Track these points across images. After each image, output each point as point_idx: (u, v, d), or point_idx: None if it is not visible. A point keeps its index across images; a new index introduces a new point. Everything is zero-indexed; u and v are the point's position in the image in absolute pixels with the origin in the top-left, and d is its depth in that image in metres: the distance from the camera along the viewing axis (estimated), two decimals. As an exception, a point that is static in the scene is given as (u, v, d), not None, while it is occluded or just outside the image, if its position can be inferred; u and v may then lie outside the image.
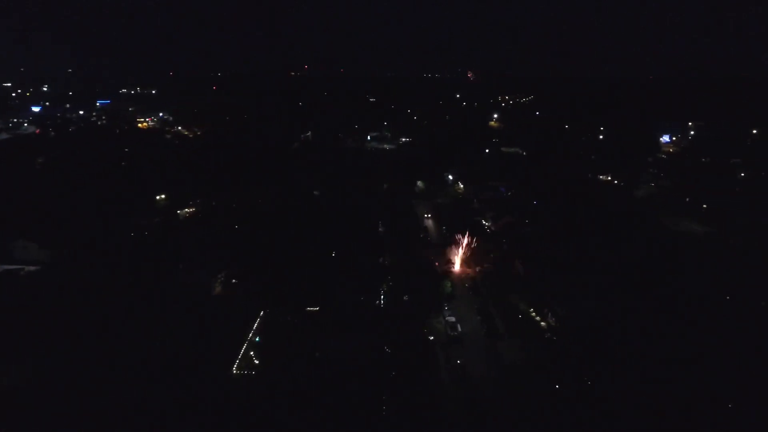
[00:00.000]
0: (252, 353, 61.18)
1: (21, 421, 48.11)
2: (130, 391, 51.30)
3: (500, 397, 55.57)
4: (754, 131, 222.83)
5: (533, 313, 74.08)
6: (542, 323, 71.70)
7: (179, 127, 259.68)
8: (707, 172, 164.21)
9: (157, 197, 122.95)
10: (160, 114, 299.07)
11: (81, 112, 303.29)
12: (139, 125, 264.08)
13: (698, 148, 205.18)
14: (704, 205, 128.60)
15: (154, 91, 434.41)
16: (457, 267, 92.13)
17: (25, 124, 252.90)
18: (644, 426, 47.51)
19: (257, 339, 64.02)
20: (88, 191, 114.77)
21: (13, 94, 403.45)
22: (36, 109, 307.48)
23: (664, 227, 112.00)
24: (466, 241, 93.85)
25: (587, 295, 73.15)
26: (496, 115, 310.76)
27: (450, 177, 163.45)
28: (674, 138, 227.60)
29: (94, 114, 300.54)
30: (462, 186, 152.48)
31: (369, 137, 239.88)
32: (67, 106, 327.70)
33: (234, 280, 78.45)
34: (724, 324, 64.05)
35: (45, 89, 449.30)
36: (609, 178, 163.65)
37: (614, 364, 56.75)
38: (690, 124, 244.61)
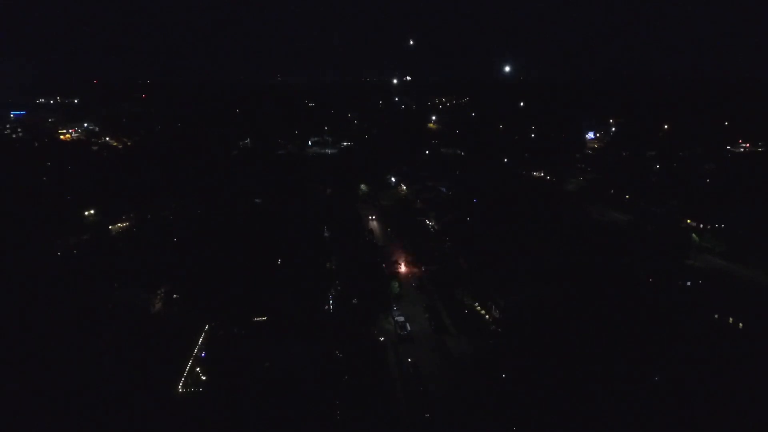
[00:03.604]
0: (198, 369, 59.30)
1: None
2: (68, 418, 48.23)
3: (452, 391, 57.40)
4: (665, 126, 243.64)
5: (478, 307, 76.98)
6: (486, 316, 74.73)
7: (107, 138, 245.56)
8: (627, 165, 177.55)
9: (86, 213, 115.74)
10: (85, 124, 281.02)
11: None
12: (62, 137, 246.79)
13: (618, 143, 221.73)
14: (626, 196, 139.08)
15: (76, 101, 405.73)
16: (403, 267, 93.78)
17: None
18: (588, 411, 49.91)
19: (203, 354, 62.12)
20: (6, 210, 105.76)
21: None
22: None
23: (592, 217, 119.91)
24: (410, 240, 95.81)
25: (527, 286, 76.88)
26: (434, 117, 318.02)
27: (392, 179, 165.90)
28: (598, 135, 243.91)
29: (8, 126, 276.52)
30: (404, 187, 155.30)
31: (310, 142, 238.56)
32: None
33: (175, 295, 75.47)
34: (650, 301, 69.68)
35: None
36: (542, 174, 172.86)
37: (555, 350, 59.90)
38: (611, 121, 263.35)
